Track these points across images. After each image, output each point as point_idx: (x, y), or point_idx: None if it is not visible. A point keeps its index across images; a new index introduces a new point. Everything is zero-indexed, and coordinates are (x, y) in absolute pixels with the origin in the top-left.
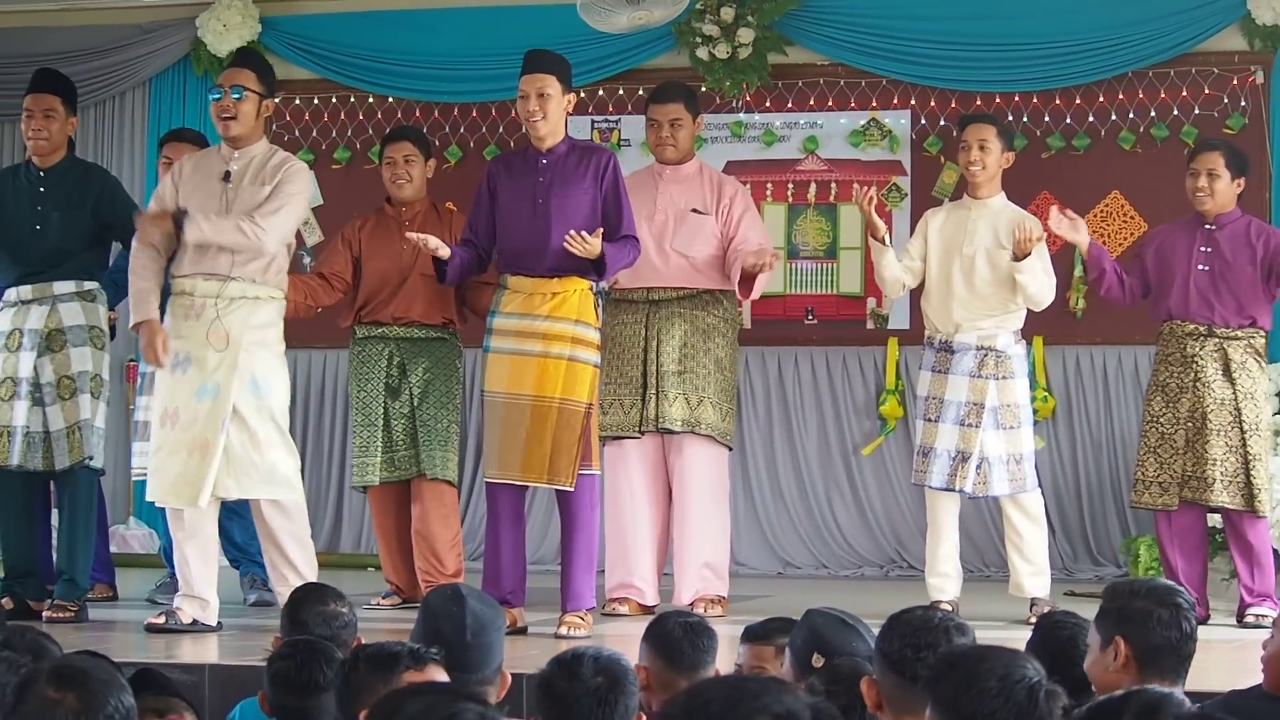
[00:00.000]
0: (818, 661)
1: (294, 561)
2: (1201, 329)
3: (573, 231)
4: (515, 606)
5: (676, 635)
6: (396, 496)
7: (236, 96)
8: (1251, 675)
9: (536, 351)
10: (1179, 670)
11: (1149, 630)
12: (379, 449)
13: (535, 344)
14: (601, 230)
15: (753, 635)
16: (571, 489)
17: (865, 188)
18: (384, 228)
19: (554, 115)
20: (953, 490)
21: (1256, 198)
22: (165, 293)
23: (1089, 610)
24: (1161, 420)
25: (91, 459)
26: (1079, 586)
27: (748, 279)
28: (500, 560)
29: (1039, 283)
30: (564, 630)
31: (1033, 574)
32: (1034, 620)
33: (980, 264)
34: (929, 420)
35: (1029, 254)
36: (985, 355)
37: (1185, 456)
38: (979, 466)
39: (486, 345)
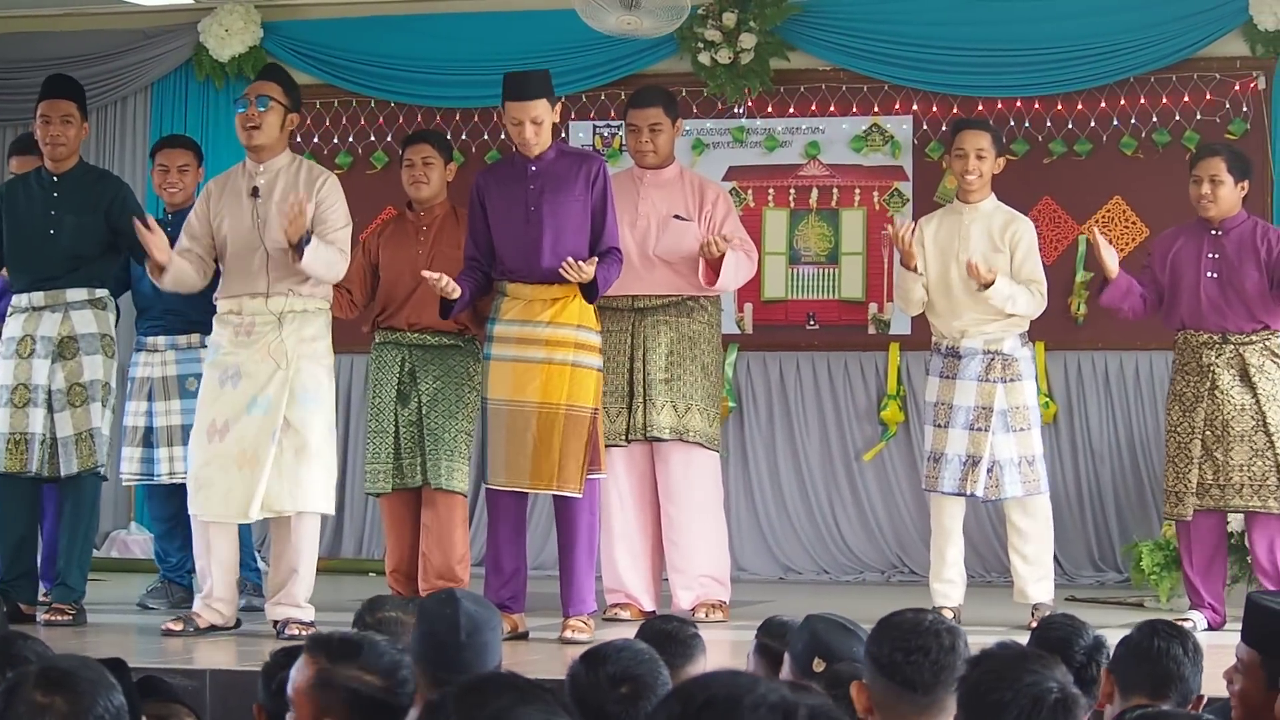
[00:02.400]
0: (819, 666)
1: (303, 577)
2: (1216, 337)
3: (569, 260)
4: (516, 612)
5: (659, 640)
6: (409, 503)
7: (262, 108)
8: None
9: (540, 358)
10: (1159, 688)
11: (1127, 650)
12: (390, 456)
13: (538, 350)
14: (597, 259)
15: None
16: (580, 495)
17: (903, 222)
18: (402, 232)
19: (545, 134)
20: (964, 495)
21: (1259, 203)
22: (205, 308)
23: (1090, 615)
24: (1179, 430)
25: (102, 467)
26: (1080, 592)
27: (711, 266)
28: (501, 566)
29: (1017, 303)
30: (569, 634)
31: (1037, 580)
32: (1034, 625)
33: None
34: (938, 426)
35: (991, 283)
36: (993, 359)
37: (1203, 465)
38: (990, 470)
39: (487, 353)
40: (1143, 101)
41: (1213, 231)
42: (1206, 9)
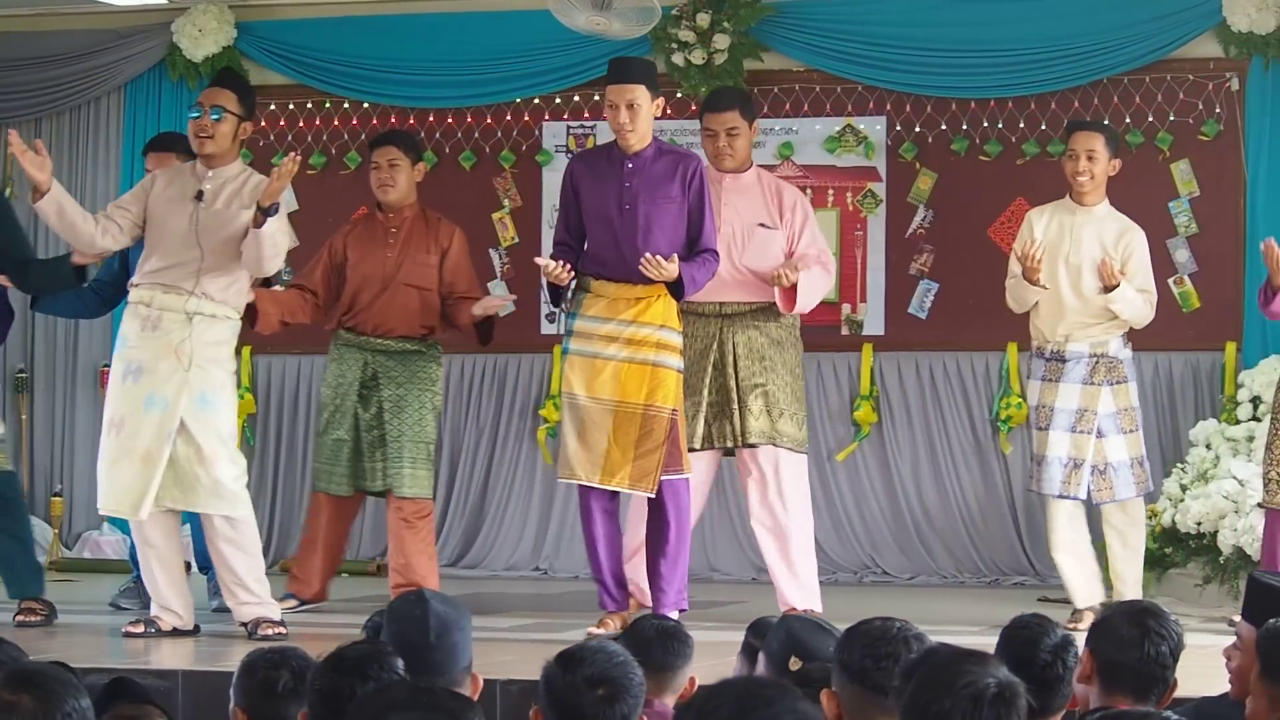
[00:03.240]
0: (795, 664)
1: (242, 579)
2: None
3: (648, 255)
4: (623, 609)
5: (649, 636)
6: (346, 507)
7: (215, 117)
8: (1218, 682)
9: (621, 356)
10: (1142, 691)
11: (1111, 645)
12: (349, 459)
13: (620, 349)
14: (676, 256)
15: None
16: (653, 494)
17: (1032, 241)
18: (371, 234)
19: (643, 125)
20: (1067, 498)
21: (1231, 204)
22: (118, 293)
23: (1060, 616)
24: None
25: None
26: (1052, 593)
27: (787, 292)
28: (599, 558)
29: (1133, 309)
30: None
31: (1136, 581)
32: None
33: (1087, 274)
34: (1040, 429)
35: (1116, 285)
36: (1097, 362)
37: None
38: (1103, 472)
39: (566, 347)
40: (1116, 102)
41: None
42: (1180, 10)
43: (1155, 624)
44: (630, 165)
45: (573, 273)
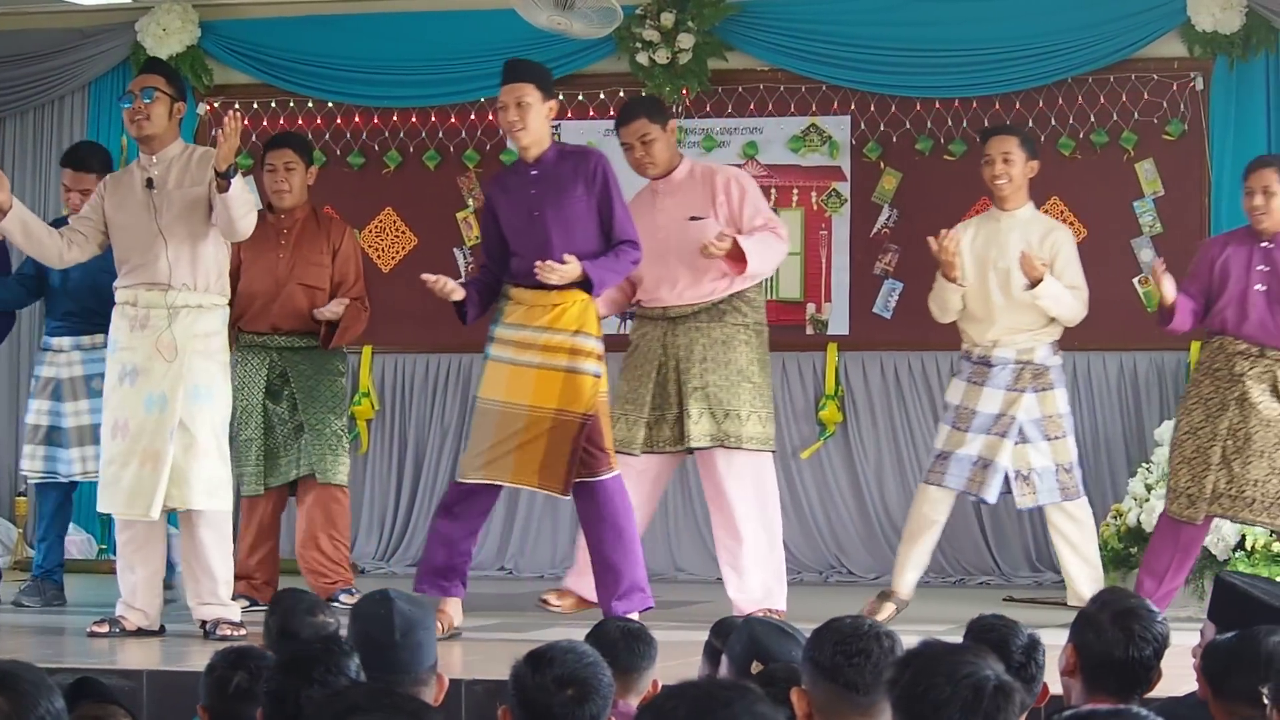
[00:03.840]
0: (756, 669)
1: (216, 578)
2: (1254, 349)
3: (539, 262)
4: (457, 596)
5: (614, 638)
6: (273, 500)
7: (147, 100)
8: (1187, 682)
9: (536, 362)
10: (1124, 690)
11: (1096, 643)
12: (259, 457)
13: (534, 355)
14: (575, 256)
15: None
16: (566, 496)
17: (945, 232)
18: (262, 235)
19: (534, 124)
20: (969, 495)
21: (1195, 204)
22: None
23: (1028, 616)
24: (1200, 433)
25: None
26: (1017, 592)
27: (732, 257)
28: (457, 546)
29: (1062, 306)
30: None
31: (1092, 580)
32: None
33: (1016, 277)
34: (956, 428)
35: (1040, 279)
36: (1023, 368)
37: (1219, 472)
38: (1026, 477)
39: (487, 353)
40: (1080, 102)
41: (1263, 244)
42: (1144, 10)
43: (1140, 627)
44: (535, 173)
45: (464, 290)
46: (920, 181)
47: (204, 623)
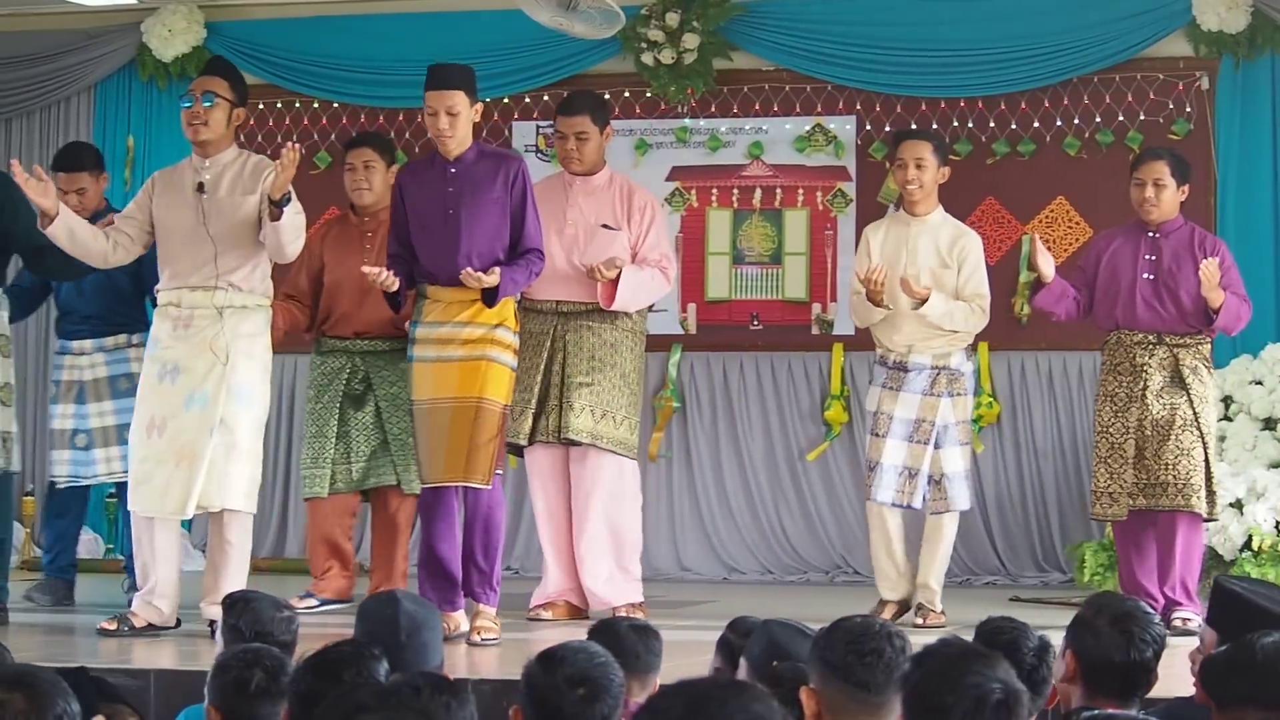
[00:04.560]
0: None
1: (235, 577)
2: (1151, 338)
3: (466, 270)
4: (457, 610)
5: (631, 639)
6: (343, 506)
7: (208, 104)
8: (1177, 682)
9: (458, 356)
10: (1126, 693)
11: (1095, 648)
12: (329, 460)
13: (456, 349)
14: (498, 269)
15: None
16: (489, 488)
17: (873, 266)
18: (346, 237)
19: (463, 131)
20: (901, 507)
21: (1202, 203)
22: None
23: (1034, 616)
24: (1111, 430)
25: (11, 466)
26: (1024, 592)
27: (607, 286)
28: (446, 564)
29: (954, 320)
30: (477, 638)
31: (938, 581)
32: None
33: (925, 283)
34: (876, 435)
35: (925, 299)
36: (939, 374)
37: (1135, 466)
38: (939, 483)
39: (410, 355)
40: (1086, 102)
41: (1150, 234)
42: (1150, 9)
43: (1139, 629)
44: (453, 170)
45: (399, 280)
46: None
47: (212, 622)
